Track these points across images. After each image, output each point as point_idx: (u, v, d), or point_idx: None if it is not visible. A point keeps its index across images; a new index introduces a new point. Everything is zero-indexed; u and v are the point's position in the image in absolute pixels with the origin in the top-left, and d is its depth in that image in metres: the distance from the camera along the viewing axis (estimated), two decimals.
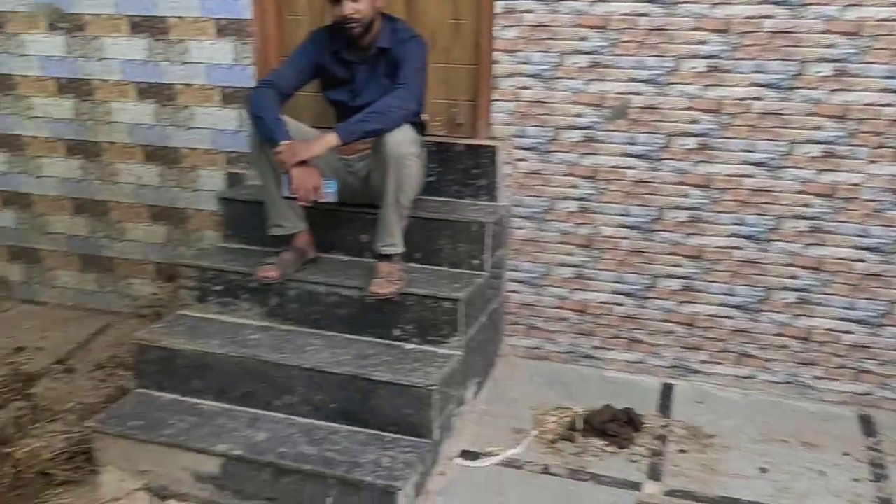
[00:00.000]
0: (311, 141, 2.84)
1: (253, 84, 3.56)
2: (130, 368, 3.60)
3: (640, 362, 3.47)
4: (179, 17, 3.59)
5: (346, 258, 3.34)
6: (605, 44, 3.17)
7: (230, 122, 3.68)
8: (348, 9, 2.82)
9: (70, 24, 3.74)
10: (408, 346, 3.02)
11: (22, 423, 3.18)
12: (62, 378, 3.56)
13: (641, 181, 3.27)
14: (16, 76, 3.89)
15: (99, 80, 3.79)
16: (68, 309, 4.22)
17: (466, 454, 2.93)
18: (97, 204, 4.00)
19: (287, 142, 2.80)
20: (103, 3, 3.66)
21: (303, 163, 2.79)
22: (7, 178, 4.06)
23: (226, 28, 3.55)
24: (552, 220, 3.42)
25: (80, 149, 3.94)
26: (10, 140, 4.01)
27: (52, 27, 3.77)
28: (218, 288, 3.23)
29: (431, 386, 2.73)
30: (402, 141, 2.84)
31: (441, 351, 2.99)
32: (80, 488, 2.81)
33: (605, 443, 3.00)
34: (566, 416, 3.14)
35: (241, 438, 2.74)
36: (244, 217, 3.44)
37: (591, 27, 3.18)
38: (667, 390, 3.39)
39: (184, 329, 3.12)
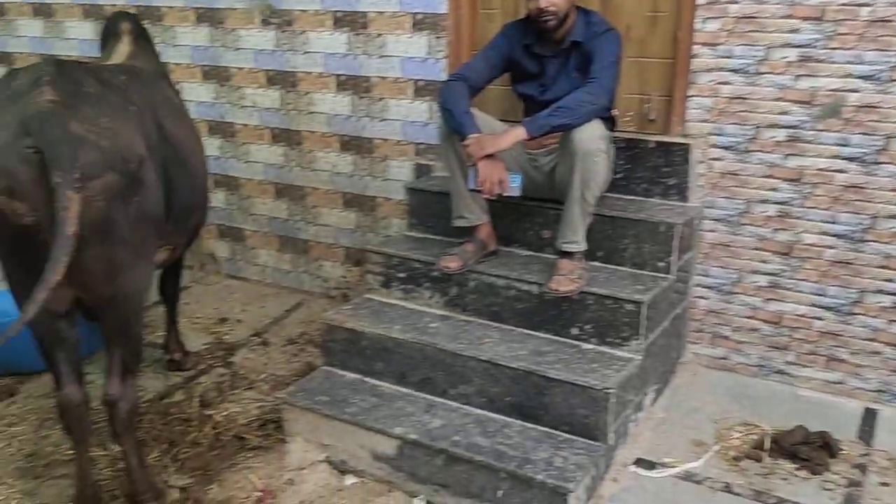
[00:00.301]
0: (498, 135, 2.85)
1: (444, 77, 3.63)
2: (318, 346, 3.82)
3: (840, 383, 3.19)
4: (379, 12, 3.73)
5: (526, 253, 3.33)
6: (818, 36, 2.93)
7: (421, 114, 3.78)
8: (544, 2, 2.80)
9: (280, 20, 4.00)
10: (585, 345, 2.96)
11: (222, 389, 3.46)
12: (258, 350, 3.83)
13: (853, 186, 2.99)
14: (232, 68, 4.22)
15: (303, 72, 4.02)
16: (266, 286, 4.54)
17: (641, 462, 2.84)
18: (296, 189, 4.27)
19: (475, 135, 2.83)
20: (310, 0, 3.88)
21: (490, 156, 2.81)
22: (219, 163, 4.41)
23: (421, 22, 3.64)
24: (747, 225, 3.21)
25: (283, 137, 4.21)
26: (223, 127, 4.36)
27: (265, 23, 4.04)
28: (402, 275, 3.33)
29: (609, 389, 2.66)
30: (591, 136, 2.78)
31: (620, 353, 2.91)
32: (269, 454, 3.00)
33: (796, 466, 2.79)
34: (752, 434, 2.96)
35: (418, 423, 2.82)
36: (429, 207, 3.53)
37: (804, 18, 2.94)
38: (869, 416, 3.10)
39: (369, 312, 3.25)
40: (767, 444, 2.86)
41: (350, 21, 3.82)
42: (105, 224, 2.22)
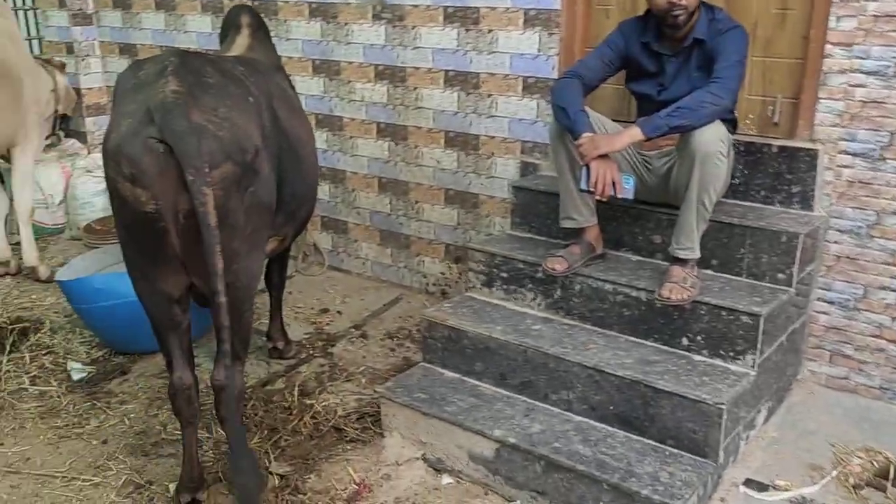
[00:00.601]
0: (613, 135, 2.76)
1: (555, 75, 3.56)
2: (417, 341, 3.82)
3: None
4: (491, 8, 3.68)
5: (635, 257, 3.22)
6: None
7: (529, 111, 3.71)
8: None
9: (392, 15, 4.01)
10: (696, 357, 2.84)
11: (322, 379, 3.50)
12: (357, 342, 3.86)
13: None
14: (342, 62, 4.27)
15: (412, 67, 4.02)
16: (367, 279, 4.58)
17: (751, 483, 2.69)
18: (399, 184, 4.27)
19: (588, 134, 2.74)
20: None
21: (603, 156, 2.72)
22: (326, 156, 4.47)
23: (534, 18, 3.58)
24: (878, 238, 3.00)
25: (389, 132, 4.22)
26: (332, 121, 4.41)
27: (377, 18, 4.07)
28: (504, 274, 3.28)
29: (720, 404, 2.53)
30: (712, 139, 2.65)
31: (732, 367, 2.77)
32: (366, 448, 3.01)
33: None
34: (875, 461, 2.76)
35: (517, 427, 2.76)
36: (535, 206, 3.46)
37: None
38: None
39: (470, 311, 3.22)
40: (893, 474, 2.67)
41: (461, 17, 3.79)
42: (222, 213, 2.26)
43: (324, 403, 3.28)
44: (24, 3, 5.85)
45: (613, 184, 2.72)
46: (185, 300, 2.49)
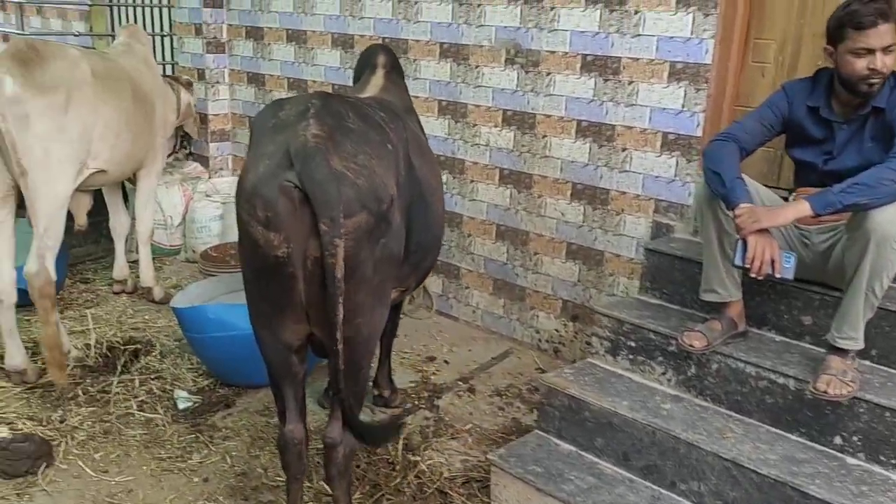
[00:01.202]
0: (775, 208, 2.52)
1: (699, 133, 3.34)
2: (527, 402, 3.63)
3: None
4: (633, 58, 3.50)
5: (779, 338, 2.94)
6: None
7: (666, 169, 3.49)
8: (880, 62, 2.43)
9: (525, 60, 3.88)
10: (850, 460, 2.53)
11: (427, 434, 3.34)
12: (464, 396, 3.69)
13: None
14: (469, 105, 4.16)
15: (542, 114, 3.87)
16: (475, 328, 4.41)
17: None
18: (518, 233, 4.11)
19: (747, 205, 2.50)
20: (561, 42, 3.73)
21: (762, 231, 2.47)
22: (444, 198, 4.35)
23: (680, 72, 3.37)
24: None
25: (513, 178, 4.07)
26: (453, 163, 4.30)
27: (509, 62, 3.94)
28: (632, 343, 3.06)
29: None
30: (890, 220, 2.36)
31: (894, 477, 2.45)
32: None
33: None
34: None
35: None
36: (668, 272, 3.23)
37: None
38: None
39: (593, 380, 3.00)
40: None
41: (600, 66, 3.62)
42: (351, 264, 2.15)
43: (429, 462, 3.12)
44: (161, 29, 6.06)
45: (772, 262, 2.47)
46: (303, 350, 2.38)
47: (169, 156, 4.80)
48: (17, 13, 5.45)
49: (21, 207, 3.52)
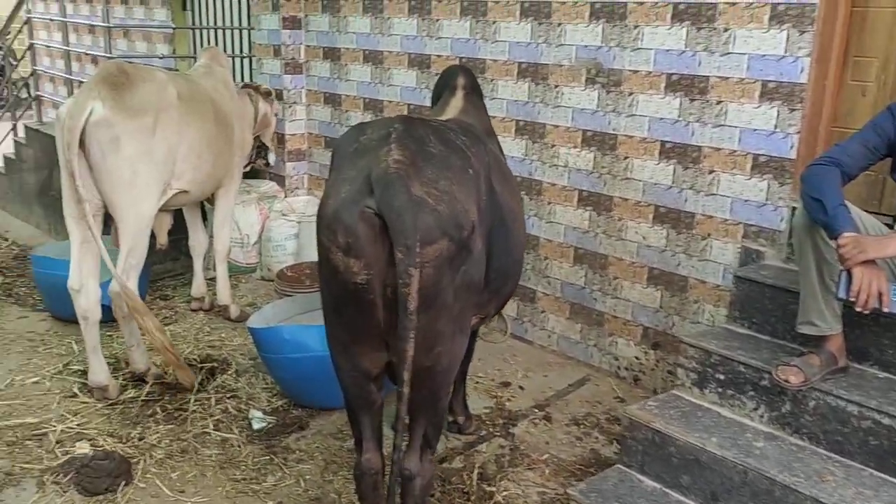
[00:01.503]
0: (884, 238, 2.36)
1: (793, 155, 3.18)
2: (606, 432, 3.50)
3: None
4: (722, 77, 3.36)
5: (882, 374, 2.75)
6: None
7: (757, 193, 3.33)
8: None
9: (606, 80, 3.78)
10: None
11: (502, 463, 3.25)
12: (540, 425, 3.58)
13: None
14: (548, 125, 4.08)
15: (624, 135, 3.76)
16: (550, 352, 4.30)
17: None
18: (597, 257, 3.99)
19: (851, 234, 2.35)
20: (644, 61, 3.62)
21: (868, 262, 2.31)
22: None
23: (773, 92, 3.22)
24: None
25: (592, 201, 3.97)
26: (530, 185, 4.22)
27: (590, 82, 3.85)
28: (721, 376, 2.91)
29: None
30: None
31: None
32: None
33: None
34: None
35: None
36: (759, 301, 3.08)
37: None
38: None
39: (678, 414, 2.87)
40: None
41: (686, 85, 3.49)
42: (431, 292, 2.09)
43: (504, 493, 3.03)
44: (241, 51, 6.19)
45: (880, 295, 2.30)
46: (381, 378, 2.33)
47: (246, 167, 4.81)
48: (106, 36, 5.62)
49: (105, 226, 3.60)
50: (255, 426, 3.47)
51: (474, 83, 3.20)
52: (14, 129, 6.68)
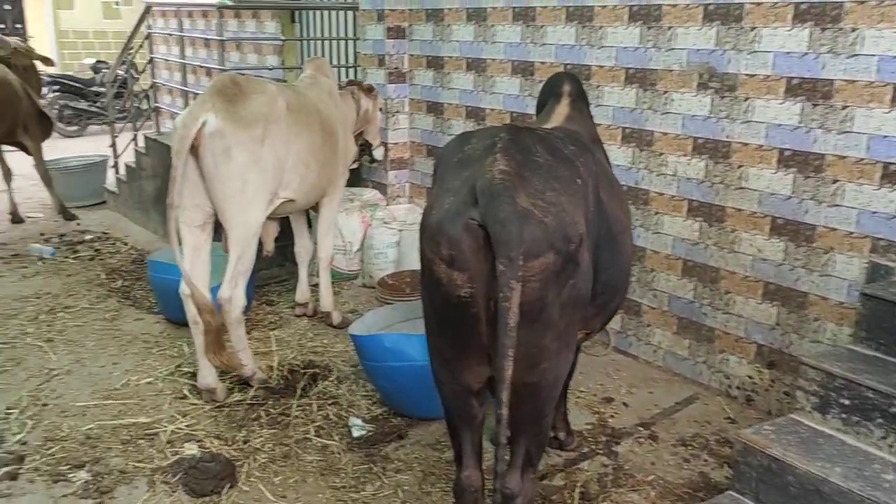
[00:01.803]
0: None
1: None
2: (715, 454, 3.34)
3: None
4: (849, 81, 3.15)
5: None
6: None
7: (887, 204, 3.10)
8: None
9: (720, 84, 3.62)
10: None
11: (605, 483, 3.14)
12: (645, 444, 3.44)
13: None
14: (656, 133, 3.94)
15: (739, 143, 3.58)
16: (656, 368, 4.15)
17: None
18: (708, 270, 3.82)
19: None
20: (762, 64, 3.43)
21: None
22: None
23: None
24: None
25: (703, 211, 3.80)
26: (636, 194, 4.09)
27: (702, 87, 3.69)
28: (845, 401, 2.71)
29: None
30: None
31: None
32: None
33: None
34: None
35: None
36: (888, 320, 2.85)
37: None
38: None
39: (797, 440, 2.69)
40: None
41: (808, 89, 3.29)
42: (537, 307, 2.04)
43: None
44: (347, 61, 6.30)
45: None
46: (483, 393, 2.28)
47: (352, 164, 4.81)
48: (219, 49, 5.84)
49: (215, 233, 3.71)
50: (355, 434, 3.49)
51: (580, 90, 3.12)
52: (135, 138, 7.02)
